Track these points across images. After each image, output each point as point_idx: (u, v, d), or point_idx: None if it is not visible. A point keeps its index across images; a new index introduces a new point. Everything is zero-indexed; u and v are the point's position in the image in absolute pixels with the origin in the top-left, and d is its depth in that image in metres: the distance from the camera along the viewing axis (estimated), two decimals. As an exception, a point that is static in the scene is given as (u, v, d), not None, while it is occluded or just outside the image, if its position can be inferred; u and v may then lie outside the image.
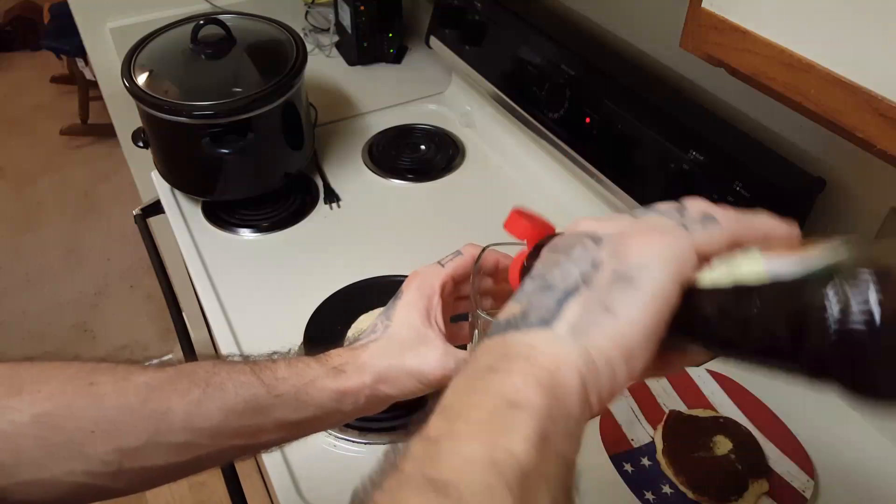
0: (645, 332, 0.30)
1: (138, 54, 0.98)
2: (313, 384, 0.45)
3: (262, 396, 0.44)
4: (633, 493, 0.65)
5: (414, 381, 0.46)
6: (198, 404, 0.42)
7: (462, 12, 1.11)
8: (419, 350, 0.46)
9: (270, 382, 0.44)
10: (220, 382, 0.43)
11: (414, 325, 0.47)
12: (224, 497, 0.83)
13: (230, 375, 0.44)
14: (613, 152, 0.86)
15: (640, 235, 0.32)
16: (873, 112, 0.37)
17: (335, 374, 0.46)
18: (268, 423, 0.44)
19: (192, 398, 0.42)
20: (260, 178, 1.02)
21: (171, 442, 0.42)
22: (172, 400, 0.42)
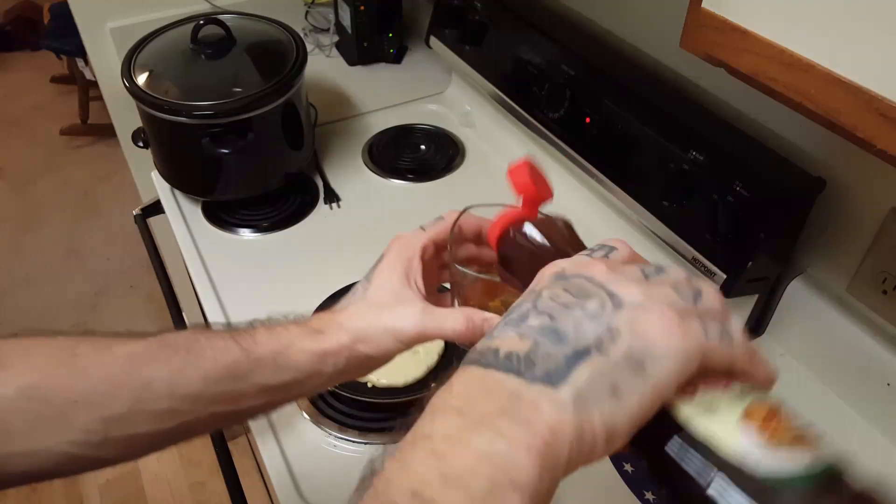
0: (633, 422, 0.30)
1: (138, 54, 0.98)
2: (292, 346, 0.45)
3: (242, 361, 0.44)
4: (633, 493, 0.65)
5: (391, 339, 0.46)
6: (179, 372, 0.43)
7: (462, 12, 1.11)
8: (396, 309, 0.46)
9: (249, 347, 0.45)
10: (200, 349, 0.44)
11: (392, 286, 0.47)
12: (224, 497, 0.83)
13: (210, 342, 0.44)
14: (613, 152, 0.86)
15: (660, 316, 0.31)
16: (873, 112, 0.37)
17: (314, 335, 0.46)
18: (248, 389, 0.44)
19: (173, 366, 0.43)
20: (260, 178, 1.02)
21: (154, 409, 0.42)
22: (154, 368, 0.43)
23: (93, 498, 1.75)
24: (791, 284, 0.77)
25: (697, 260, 0.76)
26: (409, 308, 0.46)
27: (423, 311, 0.46)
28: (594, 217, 0.96)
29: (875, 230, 0.68)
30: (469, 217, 0.51)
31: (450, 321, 0.45)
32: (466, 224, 0.51)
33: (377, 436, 0.72)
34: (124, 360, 0.43)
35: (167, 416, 0.43)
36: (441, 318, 0.46)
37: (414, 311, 0.46)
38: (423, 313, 0.46)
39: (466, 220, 0.50)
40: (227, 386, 0.44)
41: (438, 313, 0.46)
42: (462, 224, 0.50)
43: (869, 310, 0.70)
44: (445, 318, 0.46)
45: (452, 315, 0.46)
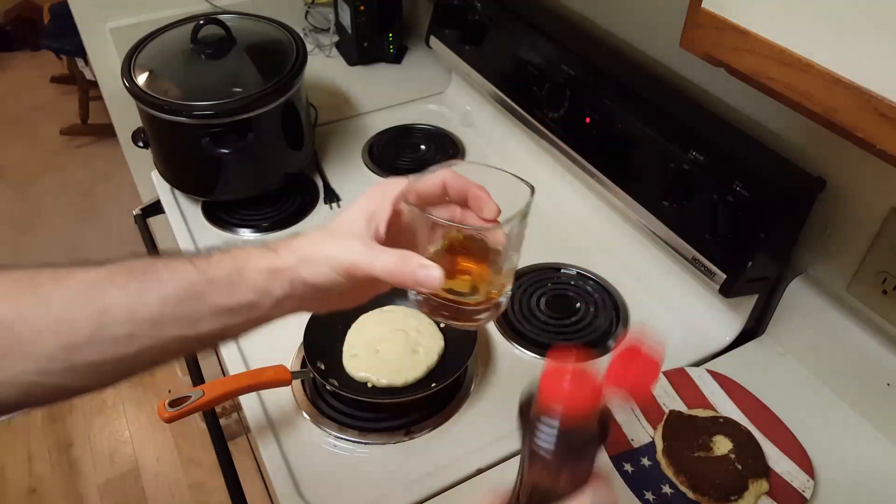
0: None
1: (138, 54, 0.98)
2: (247, 264, 0.46)
3: (198, 282, 0.44)
4: (633, 493, 0.65)
5: (328, 267, 0.45)
6: (137, 295, 0.43)
7: (462, 12, 1.11)
8: (342, 240, 0.46)
9: (205, 268, 0.45)
10: (157, 272, 0.44)
11: (352, 222, 0.47)
12: (224, 497, 0.83)
13: (167, 266, 0.45)
14: (613, 152, 0.86)
15: None
16: (873, 112, 0.37)
17: (268, 253, 0.47)
18: (205, 310, 0.45)
19: (131, 290, 0.43)
20: (260, 178, 1.02)
21: (115, 335, 0.43)
22: (113, 293, 0.43)
23: (93, 498, 1.75)
24: (791, 284, 0.77)
25: (697, 260, 0.76)
26: (354, 241, 0.46)
27: (363, 245, 0.46)
28: (594, 217, 0.97)
29: (875, 230, 0.68)
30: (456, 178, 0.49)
31: (382, 257, 0.45)
32: (452, 183, 0.49)
33: (377, 436, 0.73)
34: (84, 287, 0.43)
35: (127, 340, 0.43)
36: (375, 253, 0.45)
37: (355, 244, 0.46)
38: (362, 246, 0.46)
39: (452, 180, 0.49)
40: (185, 308, 0.44)
41: (377, 248, 0.46)
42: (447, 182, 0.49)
43: (869, 310, 0.70)
44: (380, 253, 0.45)
45: (388, 252, 0.45)
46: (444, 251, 0.48)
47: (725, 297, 0.74)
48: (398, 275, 0.44)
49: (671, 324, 0.85)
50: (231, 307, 0.45)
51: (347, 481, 0.69)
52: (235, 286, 0.45)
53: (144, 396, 2.00)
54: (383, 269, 0.45)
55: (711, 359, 0.80)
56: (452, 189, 0.49)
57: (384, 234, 0.48)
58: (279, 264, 0.46)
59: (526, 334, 0.83)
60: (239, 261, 0.46)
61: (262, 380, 0.72)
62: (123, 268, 0.45)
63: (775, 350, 0.80)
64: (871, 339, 0.70)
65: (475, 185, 0.49)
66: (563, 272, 0.92)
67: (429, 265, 0.45)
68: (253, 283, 0.45)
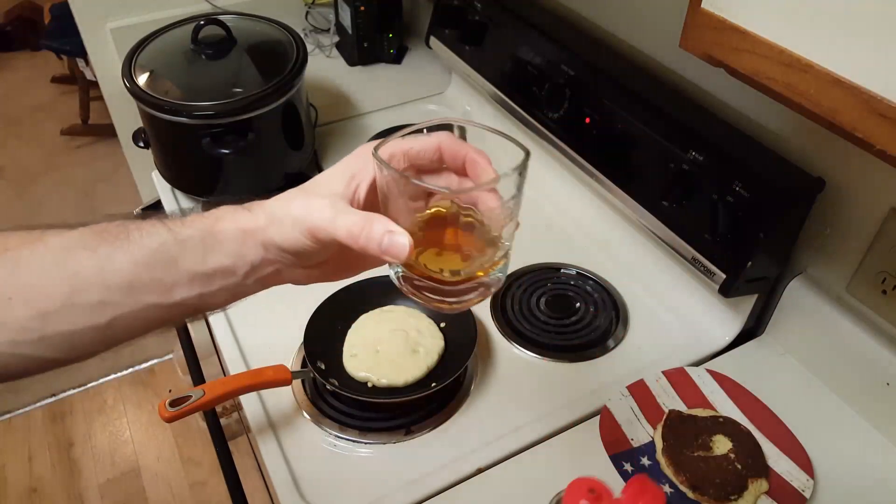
0: None
1: (139, 54, 0.98)
2: (218, 223, 0.43)
3: (168, 242, 0.42)
4: (632, 492, 0.65)
5: (295, 228, 0.41)
6: (108, 259, 0.41)
7: (462, 12, 1.11)
8: (311, 199, 0.42)
9: (177, 229, 0.42)
10: (128, 234, 0.42)
11: (331, 180, 0.43)
12: (224, 497, 0.83)
13: (138, 227, 0.42)
14: (613, 152, 0.86)
15: None
16: (873, 112, 0.37)
17: (240, 211, 0.44)
18: (179, 276, 0.42)
19: (101, 254, 0.41)
20: (260, 178, 1.02)
21: (87, 302, 0.41)
22: (84, 257, 0.41)
23: (93, 498, 1.75)
24: (791, 284, 0.77)
25: (697, 260, 0.76)
26: (322, 199, 0.42)
27: (329, 205, 0.41)
28: (594, 217, 0.97)
29: (875, 230, 0.68)
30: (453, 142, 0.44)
31: (346, 218, 0.40)
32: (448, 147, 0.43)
33: (377, 435, 0.73)
34: (55, 252, 0.41)
35: (100, 308, 0.41)
36: (339, 214, 0.41)
37: (322, 203, 0.41)
38: (328, 206, 0.41)
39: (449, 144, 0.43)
40: (158, 273, 0.42)
41: (343, 209, 0.41)
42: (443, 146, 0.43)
43: (869, 309, 0.70)
44: (345, 214, 0.41)
45: (352, 213, 0.41)
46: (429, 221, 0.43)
47: (725, 296, 0.74)
48: (361, 239, 0.40)
49: (671, 324, 0.85)
50: (206, 272, 0.42)
51: (347, 481, 0.69)
52: (208, 248, 0.42)
53: (145, 396, 2.00)
54: (344, 232, 0.40)
55: (711, 358, 0.80)
56: (448, 153, 0.44)
57: (364, 197, 0.43)
58: (250, 225, 0.43)
59: (526, 334, 0.83)
60: (211, 221, 0.43)
61: (263, 380, 0.72)
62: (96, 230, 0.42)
63: (775, 350, 0.80)
64: (870, 339, 0.70)
65: (473, 149, 0.43)
66: (563, 272, 0.92)
67: (396, 230, 0.39)
68: (225, 245, 0.42)
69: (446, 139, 0.44)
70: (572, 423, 0.73)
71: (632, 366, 0.79)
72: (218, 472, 0.82)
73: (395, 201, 0.41)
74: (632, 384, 0.75)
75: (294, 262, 0.43)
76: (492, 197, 0.42)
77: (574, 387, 0.77)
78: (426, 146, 0.43)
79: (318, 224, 0.41)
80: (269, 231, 0.42)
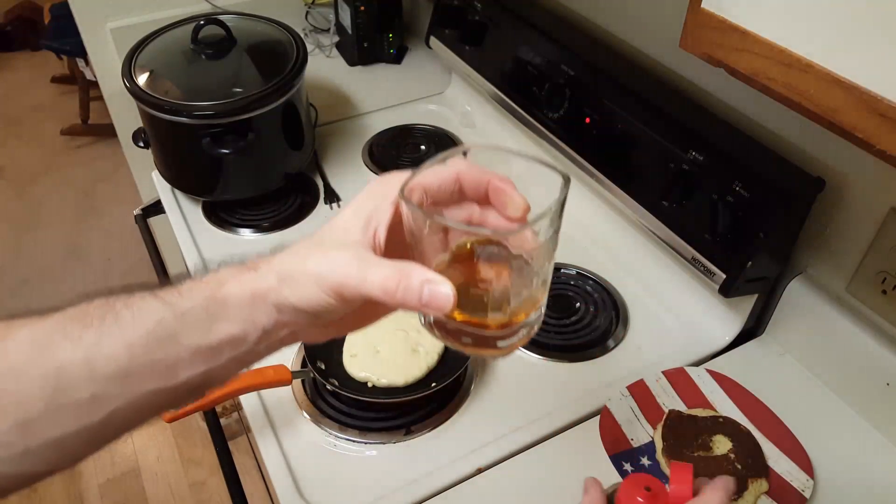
0: None
1: (139, 54, 0.98)
2: (221, 289, 0.38)
3: (167, 320, 0.37)
4: (632, 492, 0.65)
5: (313, 284, 0.36)
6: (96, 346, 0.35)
7: (462, 12, 1.11)
8: (329, 252, 0.37)
9: (174, 301, 0.37)
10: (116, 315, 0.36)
11: (346, 227, 0.38)
12: (224, 497, 0.83)
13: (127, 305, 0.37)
14: (613, 152, 0.86)
15: None
16: (873, 112, 0.37)
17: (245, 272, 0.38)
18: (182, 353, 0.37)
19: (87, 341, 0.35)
20: (260, 178, 1.02)
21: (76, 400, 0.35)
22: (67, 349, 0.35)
23: (93, 498, 1.75)
24: (791, 284, 0.77)
25: (697, 260, 0.76)
26: (343, 253, 0.37)
27: (354, 257, 0.36)
28: (594, 217, 0.97)
29: (875, 230, 0.68)
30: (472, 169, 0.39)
31: (376, 271, 0.35)
32: (468, 176, 0.39)
33: (377, 435, 0.73)
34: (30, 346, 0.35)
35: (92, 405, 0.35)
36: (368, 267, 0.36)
37: (345, 255, 0.37)
38: (353, 259, 0.36)
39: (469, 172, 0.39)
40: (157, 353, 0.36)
41: (371, 261, 0.36)
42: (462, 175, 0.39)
43: (869, 309, 0.70)
44: (374, 267, 0.36)
45: (384, 265, 0.36)
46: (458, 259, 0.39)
47: (725, 296, 0.74)
48: (398, 294, 0.35)
49: (671, 324, 0.85)
50: (212, 344, 0.37)
51: (347, 481, 0.69)
52: (214, 318, 0.37)
53: (144, 396, 2.00)
54: (378, 287, 0.35)
55: (711, 358, 0.80)
56: (468, 183, 0.39)
57: (384, 240, 0.38)
58: (260, 286, 0.37)
59: (526, 334, 0.83)
60: (213, 287, 0.38)
61: (263, 379, 0.72)
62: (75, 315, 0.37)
63: (775, 350, 0.80)
64: (870, 339, 0.70)
65: (496, 175, 0.39)
66: (563, 272, 0.92)
67: (436, 280, 0.35)
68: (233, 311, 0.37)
69: (465, 168, 0.40)
70: (572, 423, 0.73)
71: (632, 366, 0.80)
72: (218, 472, 0.82)
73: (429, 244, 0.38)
74: (632, 384, 0.75)
75: (311, 321, 0.39)
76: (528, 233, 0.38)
77: (574, 387, 0.77)
78: (444, 178, 0.39)
79: (343, 281, 0.36)
80: (282, 291, 0.37)
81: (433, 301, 0.35)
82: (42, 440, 0.35)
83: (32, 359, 0.35)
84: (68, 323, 0.36)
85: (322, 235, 0.39)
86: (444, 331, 0.40)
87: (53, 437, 0.35)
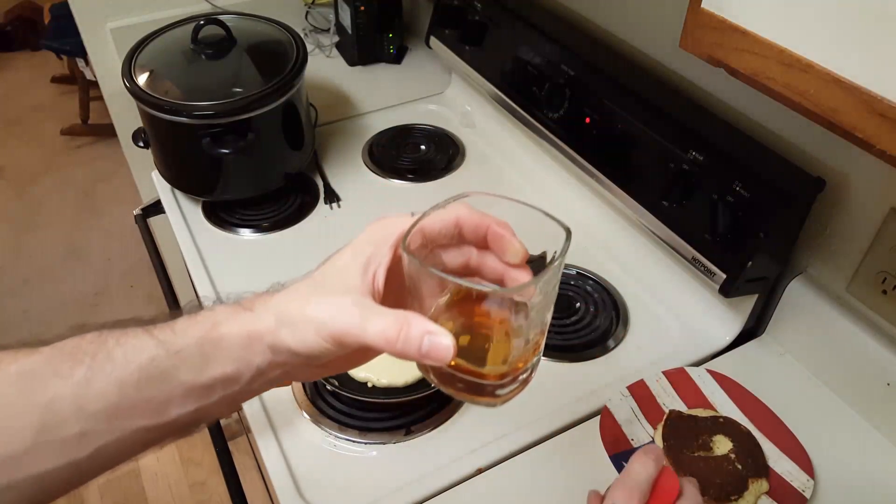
0: None
1: (139, 54, 0.98)
2: (216, 328, 0.38)
3: (160, 358, 0.37)
4: (632, 492, 0.65)
5: (312, 331, 0.37)
6: (86, 384, 0.35)
7: (462, 12, 1.11)
8: (328, 297, 0.37)
9: (167, 339, 0.37)
10: (108, 352, 0.36)
11: (344, 271, 0.38)
12: (224, 497, 0.83)
13: (119, 342, 0.37)
14: (613, 152, 0.86)
15: None
16: (873, 112, 0.37)
17: (241, 312, 0.38)
18: (174, 391, 0.37)
19: (78, 378, 0.35)
20: (260, 178, 1.02)
21: (64, 436, 0.35)
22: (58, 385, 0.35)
23: (93, 498, 1.75)
24: (791, 284, 0.77)
25: (697, 260, 0.76)
26: (342, 299, 0.37)
27: (354, 304, 0.37)
28: (594, 217, 0.97)
29: (875, 230, 0.68)
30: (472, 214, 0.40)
31: (377, 322, 0.36)
32: (468, 220, 0.40)
33: (377, 435, 0.73)
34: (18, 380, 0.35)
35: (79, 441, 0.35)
36: (369, 317, 0.36)
37: (346, 302, 0.37)
38: (353, 306, 0.36)
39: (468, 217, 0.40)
40: (148, 392, 0.36)
41: (371, 310, 0.36)
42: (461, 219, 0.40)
43: (869, 310, 0.70)
44: (375, 317, 0.36)
45: (385, 315, 0.36)
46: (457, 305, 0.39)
47: (725, 296, 0.74)
48: (398, 345, 0.35)
49: (671, 324, 0.85)
50: (205, 384, 0.37)
51: (347, 481, 0.69)
52: (207, 357, 0.37)
53: (144, 396, 2.00)
54: (379, 337, 0.36)
55: (711, 359, 0.80)
56: (468, 227, 0.40)
57: (382, 284, 0.38)
58: (257, 327, 0.38)
59: (526, 334, 0.83)
60: (208, 325, 0.38)
61: (263, 380, 0.72)
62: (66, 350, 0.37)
63: (775, 350, 0.80)
64: (870, 339, 0.70)
65: (495, 221, 0.40)
66: (563, 272, 0.92)
67: (436, 332, 0.35)
68: (227, 351, 0.37)
69: (465, 212, 0.41)
70: (572, 423, 0.73)
71: (632, 366, 0.79)
72: (218, 472, 0.82)
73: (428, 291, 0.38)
74: (632, 384, 0.75)
75: (305, 363, 0.39)
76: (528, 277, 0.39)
77: (574, 387, 0.77)
78: (445, 222, 0.40)
79: (344, 329, 0.36)
80: (280, 334, 0.37)
81: (433, 352, 0.35)
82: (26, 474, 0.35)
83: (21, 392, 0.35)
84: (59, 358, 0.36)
85: (320, 277, 0.39)
86: (440, 377, 0.40)
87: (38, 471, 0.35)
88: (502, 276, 0.41)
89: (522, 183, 1.07)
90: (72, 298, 2.26)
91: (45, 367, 0.36)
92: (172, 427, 0.38)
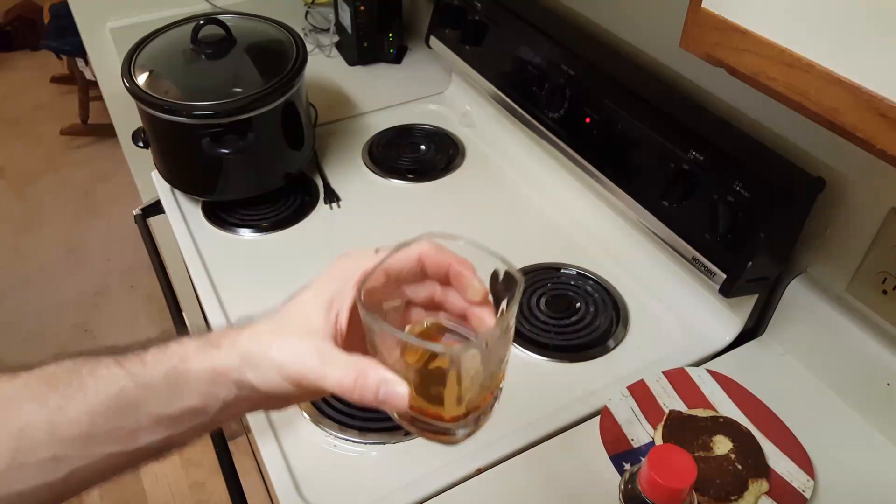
0: None
1: (138, 54, 0.98)
2: (185, 363, 0.39)
3: (128, 388, 0.38)
4: (633, 492, 0.65)
5: (276, 372, 0.38)
6: (60, 411, 0.37)
7: (462, 12, 1.11)
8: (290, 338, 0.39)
9: (136, 371, 0.39)
10: (81, 381, 0.38)
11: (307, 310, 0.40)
12: (224, 497, 0.83)
13: (92, 371, 0.39)
14: (613, 152, 0.86)
15: None
16: (873, 112, 0.37)
17: (209, 348, 0.40)
18: (142, 421, 0.39)
19: (52, 405, 0.37)
20: (260, 178, 1.02)
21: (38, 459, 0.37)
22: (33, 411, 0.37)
23: (93, 498, 1.75)
24: (791, 284, 0.77)
25: (697, 260, 0.76)
26: (303, 342, 0.38)
27: (314, 349, 0.38)
28: (594, 217, 0.97)
29: (875, 230, 0.68)
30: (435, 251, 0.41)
31: (335, 370, 0.38)
32: (430, 258, 0.42)
33: (377, 435, 0.73)
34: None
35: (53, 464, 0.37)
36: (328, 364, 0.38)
37: (306, 347, 0.38)
38: (313, 350, 0.38)
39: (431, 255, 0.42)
40: (118, 421, 0.38)
41: (330, 356, 0.38)
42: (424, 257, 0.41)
43: (869, 310, 0.70)
44: (333, 364, 0.38)
45: (342, 363, 0.38)
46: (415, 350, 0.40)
47: (725, 296, 0.74)
48: (355, 393, 0.37)
49: (671, 324, 0.85)
50: (172, 415, 0.39)
51: (347, 481, 0.69)
52: (175, 390, 0.39)
53: (144, 396, 2.00)
54: (336, 384, 0.37)
55: (711, 359, 0.80)
56: (430, 266, 0.42)
57: (346, 324, 0.40)
58: (222, 364, 0.39)
59: (526, 334, 0.83)
60: (175, 358, 0.40)
61: (263, 380, 0.72)
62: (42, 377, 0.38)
63: (775, 350, 0.80)
64: (871, 339, 0.70)
65: (457, 259, 0.41)
66: (563, 272, 0.92)
67: (391, 381, 0.37)
68: (194, 384, 0.39)
69: (428, 249, 0.42)
70: (572, 423, 0.73)
71: (632, 366, 0.79)
72: (218, 472, 0.82)
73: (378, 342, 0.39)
74: (632, 384, 0.75)
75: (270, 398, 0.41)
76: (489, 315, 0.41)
77: (574, 387, 0.77)
78: (407, 261, 0.41)
79: (303, 373, 0.38)
80: (244, 372, 0.39)
81: (389, 400, 0.37)
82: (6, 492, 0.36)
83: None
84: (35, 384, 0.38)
85: (284, 317, 0.41)
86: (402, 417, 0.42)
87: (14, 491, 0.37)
88: (465, 311, 0.42)
89: (522, 183, 1.07)
90: (72, 298, 2.26)
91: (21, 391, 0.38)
92: (144, 453, 0.40)
